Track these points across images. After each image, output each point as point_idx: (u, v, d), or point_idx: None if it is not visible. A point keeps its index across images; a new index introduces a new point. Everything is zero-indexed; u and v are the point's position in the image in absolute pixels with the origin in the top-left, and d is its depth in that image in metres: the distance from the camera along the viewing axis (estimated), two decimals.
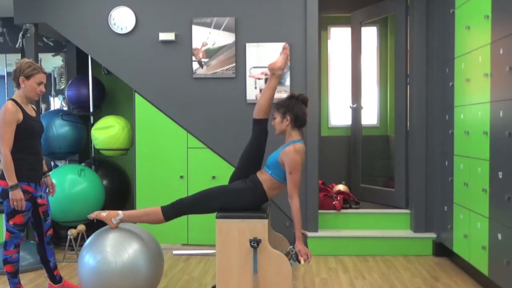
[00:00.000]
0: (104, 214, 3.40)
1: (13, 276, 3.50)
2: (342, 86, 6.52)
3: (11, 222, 3.40)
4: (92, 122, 5.48)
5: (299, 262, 3.16)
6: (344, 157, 6.43)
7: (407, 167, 5.16)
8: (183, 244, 5.13)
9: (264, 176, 3.36)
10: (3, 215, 3.43)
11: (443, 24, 4.67)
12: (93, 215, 3.43)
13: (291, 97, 3.42)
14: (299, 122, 3.37)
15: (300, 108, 3.37)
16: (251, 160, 3.46)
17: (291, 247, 3.32)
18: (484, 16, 3.70)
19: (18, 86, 3.45)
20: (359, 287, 3.97)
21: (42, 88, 3.47)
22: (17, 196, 3.31)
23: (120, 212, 3.40)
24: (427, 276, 4.23)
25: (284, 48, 3.54)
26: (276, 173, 3.32)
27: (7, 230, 3.43)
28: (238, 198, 3.30)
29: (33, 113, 3.53)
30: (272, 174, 3.33)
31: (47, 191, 3.69)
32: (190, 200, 3.37)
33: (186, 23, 5.06)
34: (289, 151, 3.25)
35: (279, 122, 3.39)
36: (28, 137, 3.42)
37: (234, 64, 5.02)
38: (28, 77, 3.41)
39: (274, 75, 3.51)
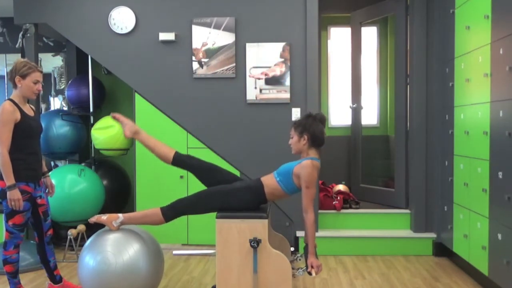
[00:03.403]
0: (104, 217, 3.40)
1: (13, 276, 3.50)
2: (342, 86, 6.53)
3: (10, 223, 3.40)
4: (92, 122, 5.48)
5: (310, 274, 3.16)
6: (344, 157, 6.43)
7: (407, 167, 5.16)
8: (183, 244, 5.13)
9: (270, 181, 3.34)
10: (3, 215, 3.43)
11: (443, 24, 4.67)
12: (94, 219, 3.43)
13: (308, 116, 3.37)
14: (316, 142, 3.32)
15: (318, 127, 3.32)
16: (212, 179, 3.46)
17: (299, 255, 3.39)
18: (484, 16, 3.70)
19: (15, 86, 3.43)
20: (359, 287, 3.97)
21: (38, 86, 3.46)
22: (14, 196, 3.30)
23: (120, 215, 3.40)
24: (427, 276, 4.23)
25: (115, 117, 3.62)
26: (284, 182, 3.31)
27: (6, 230, 3.43)
28: (237, 197, 3.30)
29: (31, 113, 3.52)
30: (279, 181, 3.32)
31: (46, 191, 3.68)
32: (190, 201, 3.36)
33: (186, 23, 5.06)
34: (307, 165, 3.22)
35: (296, 142, 3.35)
36: (26, 137, 3.41)
37: (234, 64, 5.02)
38: (24, 76, 3.40)
39: (138, 136, 3.57)
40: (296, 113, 4.98)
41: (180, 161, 3.48)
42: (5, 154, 3.28)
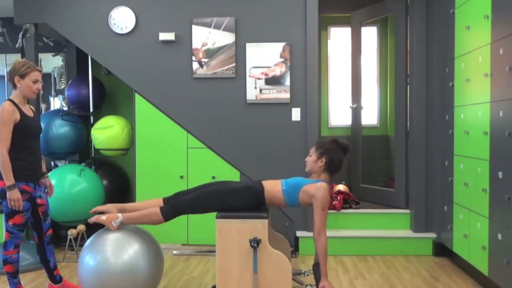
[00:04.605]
0: (103, 217, 3.39)
1: (13, 276, 3.50)
2: (342, 86, 6.52)
3: (10, 223, 3.40)
4: (92, 122, 5.48)
5: None
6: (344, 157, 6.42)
7: (407, 167, 5.16)
8: (183, 244, 5.13)
9: (273, 187, 3.34)
10: (3, 215, 3.43)
11: (443, 24, 4.67)
12: (93, 219, 3.42)
13: (333, 141, 3.38)
14: (332, 168, 3.34)
15: (338, 154, 3.34)
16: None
17: (307, 271, 3.49)
18: (484, 16, 3.70)
19: (15, 86, 3.44)
20: (359, 287, 3.97)
21: (38, 86, 3.46)
22: (14, 196, 3.30)
23: (119, 214, 3.39)
24: (427, 276, 4.23)
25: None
26: (289, 193, 3.31)
27: (6, 230, 3.43)
28: (236, 198, 3.30)
29: (30, 113, 3.52)
30: (284, 190, 3.32)
31: (45, 191, 3.68)
32: (189, 201, 3.36)
33: (186, 23, 5.06)
34: (325, 188, 3.23)
35: (313, 161, 3.36)
36: (25, 137, 3.41)
37: (234, 64, 5.02)
38: (23, 76, 3.40)
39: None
40: (296, 113, 4.98)
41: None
42: (5, 154, 3.28)
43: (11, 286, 3.53)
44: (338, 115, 6.59)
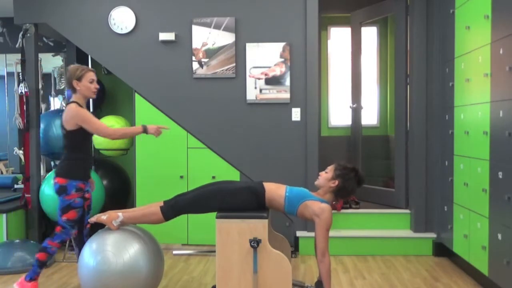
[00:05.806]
0: (104, 217, 3.41)
1: (40, 266, 3.61)
2: (342, 86, 6.52)
3: (64, 217, 3.55)
4: None
5: None
6: (344, 157, 6.42)
7: (407, 167, 5.16)
8: (183, 244, 5.13)
9: (276, 190, 3.35)
10: (58, 210, 3.52)
11: (443, 24, 4.68)
12: (94, 219, 3.44)
13: (353, 169, 3.40)
14: (340, 193, 3.39)
15: (352, 185, 3.37)
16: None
17: (309, 286, 3.51)
18: (484, 16, 3.70)
19: (74, 90, 3.63)
20: (359, 287, 3.97)
21: (95, 85, 3.68)
22: (153, 130, 3.66)
23: (120, 214, 3.40)
24: (427, 276, 4.24)
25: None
26: (290, 200, 3.33)
27: (59, 224, 3.58)
28: (236, 198, 3.31)
29: None
30: (287, 197, 3.33)
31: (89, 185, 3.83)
32: (189, 200, 3.36)
33: (186, 23, 5.06)
34: (329, 210, 3.27)
35: (326, 178, 3.38)
36: (85, 139, 3.64)
37: (234, 64, 5.02)
38: (79, 79, 3.60)
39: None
40: (296, 113, 4.98)
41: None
42: (113, 130, 3.64)
43: (29, 274, 3.59)
44: (338, 115, 6.58)
